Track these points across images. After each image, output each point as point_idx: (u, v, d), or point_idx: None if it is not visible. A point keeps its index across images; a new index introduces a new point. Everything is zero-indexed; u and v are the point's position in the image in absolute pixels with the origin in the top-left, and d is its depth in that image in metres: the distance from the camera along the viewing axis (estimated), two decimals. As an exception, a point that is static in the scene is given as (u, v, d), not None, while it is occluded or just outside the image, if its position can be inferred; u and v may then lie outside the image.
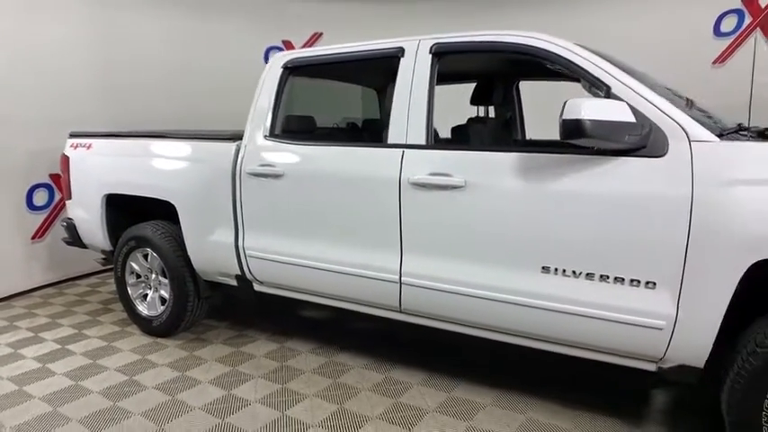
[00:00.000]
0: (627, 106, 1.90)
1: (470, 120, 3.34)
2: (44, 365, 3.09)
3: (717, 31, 4.99)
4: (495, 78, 3.26)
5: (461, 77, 3.40)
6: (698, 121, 1.93)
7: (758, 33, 4.75)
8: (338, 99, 3.99)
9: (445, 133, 3.28)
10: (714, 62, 5.02)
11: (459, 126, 3.17)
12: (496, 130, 3.34)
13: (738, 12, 4.87)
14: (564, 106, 1.85)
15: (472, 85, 3.30)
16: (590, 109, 1.82)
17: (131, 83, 5.02)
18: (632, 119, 1.90)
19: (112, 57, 4.89)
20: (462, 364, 2.94)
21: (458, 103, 3.43)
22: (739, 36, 4.87)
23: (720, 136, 1.91)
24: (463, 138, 3.06)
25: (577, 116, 1.81)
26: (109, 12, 4.86)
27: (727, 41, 4.94)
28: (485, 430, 2.33)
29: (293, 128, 3.00)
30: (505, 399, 2.59)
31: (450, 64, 2.61)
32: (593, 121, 1.82)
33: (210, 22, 5.62)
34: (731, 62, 4.95)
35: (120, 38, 4.95)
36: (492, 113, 3.55)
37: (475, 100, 3.34)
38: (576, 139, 1.84)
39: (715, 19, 4.98)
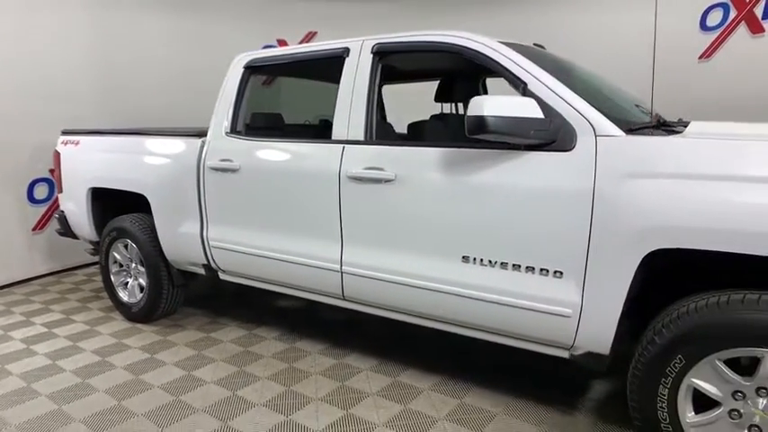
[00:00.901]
0: (535, 103, 1.99)
1: (432, 116, 3.43)
2: (28, 347, 3.32)
3: (703, 26, 4.95)
4: (457, 76, 3.34)
5: (420, 76, 3.49)
6: (608, 116, 2.00)
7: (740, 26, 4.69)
8: (308, 97, 4.12)
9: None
10: (701, 57, 4.98)
11: (415, 123, 3.27)
12: (451, 126, 3.42)
13: (724, 6, 4.83)
14: (469, 103, 1.94)
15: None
16: (492, 106, 1.91)
17: (129, 82, 5.25)
18: (540, 115, 1.98)
19: (111, 57, 5.12)
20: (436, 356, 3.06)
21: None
22: (725, 30, 4.82)
23: (630, 131, 1.98)
24: (417, 134, 3.16)
25: (480, 113, 1.90)
26: (108, 13, 5.09)
27: (713, 36, 4.90)
28: (418, 410, 2.44)
29: (251, 125, 3.16)
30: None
31: (397, 63, 2.71)
32: (496, 118, 1.91)
33: (207, 22, 5.82)
34: (717, 56, 4.90)
35: (118, 39, 5.18)
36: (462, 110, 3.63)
37: (438, 97, 3.43)
38: (480, 135, 1.93)
39: (701, 13, 4.94)
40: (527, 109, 1.97)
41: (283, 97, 4.34)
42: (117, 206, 3.76)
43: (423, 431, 2.32)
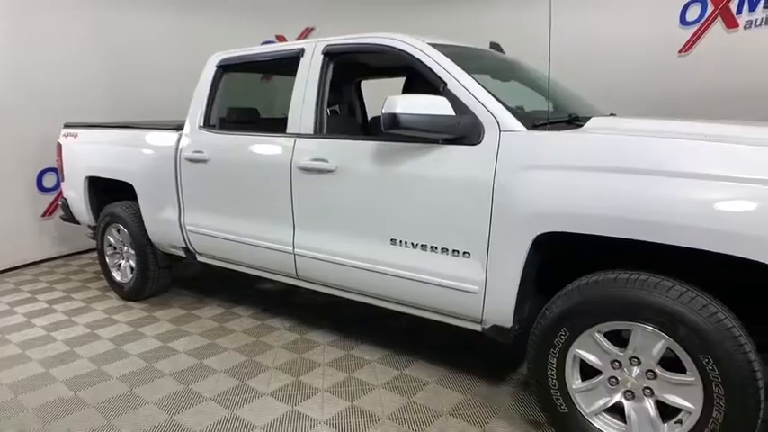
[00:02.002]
0: (446, 101, 2.21)
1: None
2: (29, 320, 3.69)
3: (683, 20, 5.02)
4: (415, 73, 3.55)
5: (378, 73, 3.72)
6: (514, 113, 2.21)
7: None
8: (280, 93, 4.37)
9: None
10: (680, 51, 5.06)
11: (375, 117, 3.51)
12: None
13: (702, 0, 4.89)
14: (384, 101, 2.17)
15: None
16: (405, 105, 2.14)
17: (133, 78, 5.58)
18: (450, 112, 2.20)
19: (115, 54, 5.47)
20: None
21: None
22: (702, 25, 4.89)
23: (535, 127, 2.19)
24: (376, 127, 3.40)
25: (393, 111, 2.13)
26: (111, 13, 5.43)
27: (692, 30, 4.97)
28: (364, 380, 2.71)
29: (227, 119, 3.43)
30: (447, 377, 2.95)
31: (345, 63, 2.94)
32: (408, 115, 2.13)
33: (207, 20, 6.11)
34: (696, 51, 4.98)
35: (121, 37, 5.52)
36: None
37: (404, 93, 3.65)
38: (394, 131, 2.16)
39: (681, 8, 5.01)
40: (439, 107, 2.19)
41: (267, 92, 4.60)
42: (111, 194, 4.09)
43: (361, 395, 2.58)
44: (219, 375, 2.83)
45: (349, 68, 3.44)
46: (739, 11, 4.61)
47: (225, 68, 3.37)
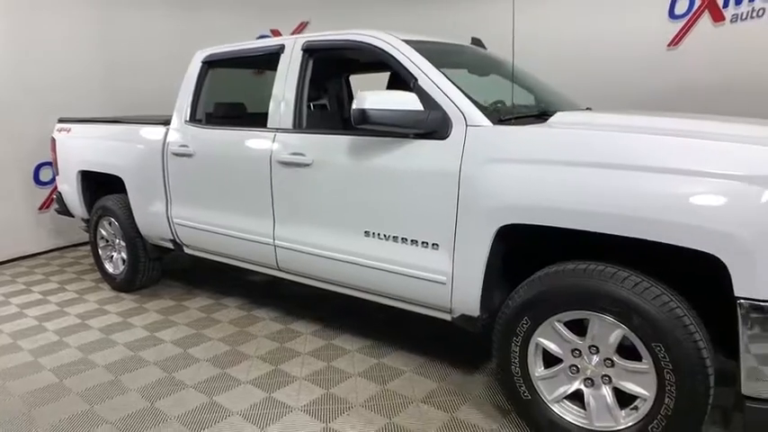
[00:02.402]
0: (415, 97, 2.26)
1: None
2: (22, 311, 3.79)
3: (671, 14, 5.03)
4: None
5: (362, 69, 3.77)
6: (481, 108, 2.26)
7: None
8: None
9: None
10: (669, 44, 5.07)
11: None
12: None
13: (690, -7, 4.90)
14: (355, 97, 2.23)
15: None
16: (374, 100, 2.19)
17: (128, 74, 5.65)
18: (419, 107, 2.25)
19: (111, 50, 5.53)
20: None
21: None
22: (691, 18, 4.90)
23: (501, 121, 2.24)
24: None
25: (362, 106, 2.18)
26: (107, 11, 5.50)
27: (680, 24, 4.98)
28: (342, 369, 2.78)
29: (213, 114, 3.49)
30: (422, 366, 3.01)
31: (324, 59, 2.99)
32: (377, 111, 2.19)
33: (202, 14, 6.16)
34: (684, 44, 4.99)
35: (117, 33, 5.58)
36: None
37: (389, 87, 3.69)
38: (363, 126, 2.21)
39: (670, 1, 5.02)
40: (407, 103, 2.24)
41: (256, 87, 4.65)
42: (103, 187, 4.17)
43: (337, 383, 2.66)
44: (202, 364, 2.91)
45: (333, 64, 3.49)
46: (726, 5, 4.62)
47: (210, 64, 3.43)
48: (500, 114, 2.28)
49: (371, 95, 2.20)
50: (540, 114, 2.45)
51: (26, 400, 2.58)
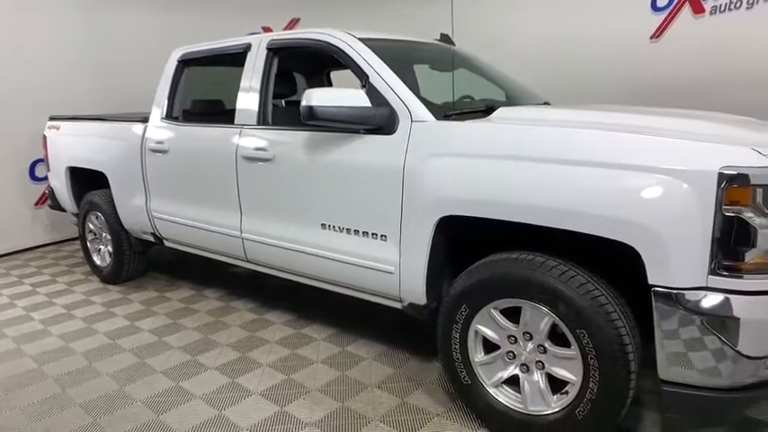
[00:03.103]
0: (363, 94, 2.34)
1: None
2: (12, 301, 3.95)
3: (654, 6, 5.04)
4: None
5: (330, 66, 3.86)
6: (427, 104, 2.34)
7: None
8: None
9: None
10: (652, 37, 5.08)
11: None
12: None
13: (672, -15, 4.90)
14: (304, 94, 2.32)
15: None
16: (321, 97, 2.28)
17: (119, 72, 5.77)
18: (367, 104, 2.33)
19: (104, 51, 5.66)
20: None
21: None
22: (672, 11, 4.90)
23: (446, 117, 2.31)
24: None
25: (309, 103, 2.27)
26: (97, 9, 5.63)
27: (662, 16, 4.99)
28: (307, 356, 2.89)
29: (191, 110, 3.61)
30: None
31: (289, 57, 3.08)
32: (324, 107, 2.28)
33: (193, 12, 6.26)
34: (666, 36, 4.99)
35: (108, 34, 5.72)
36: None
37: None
38: (311, 122, 2.30)
39: (652, -7, 5.02)
40: (355, 99, 2.32)
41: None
42: (90, 183, 4.31)
43: (298, 369, 2.77)
44: (174, 351, 3.03)
45: (298, 62, 3.57)
46: (706, -4, 4.62)
47: (186, 63, 3.54)
48: (445, 110, 2.35)
49: (318, 92, 2.29)
50: (486, 110, 2.51)
51: (4, 384, 2.72)
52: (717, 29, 4.53)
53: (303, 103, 2.29)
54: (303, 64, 4.18)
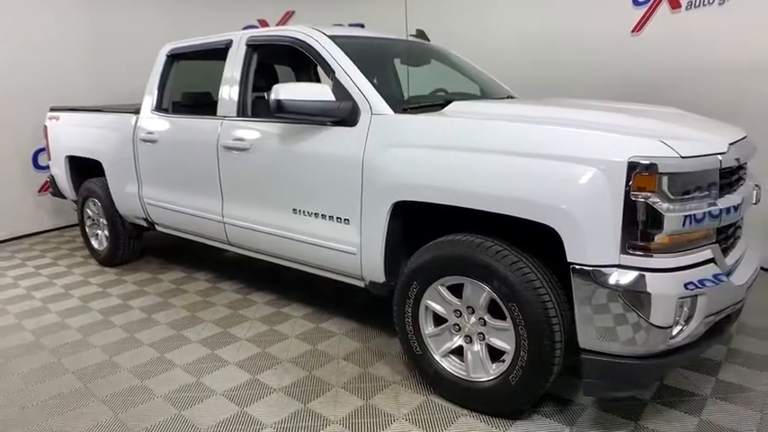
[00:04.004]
0: (327, 88, 2.54)
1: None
2: (15, 282, 4.21)
3: (635, 0, 5.16)
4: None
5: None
6: (387, 98, 2.53)
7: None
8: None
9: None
10: (633, 31, 5.21)
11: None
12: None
13: (651, -20, 5.02)
14: (272, 88, 2.52)
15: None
16: (288, 91, 2.48)
17: (121, 67, 5.98)
18: (331, 98, 2.54)
19: (105, 42, 5.89)
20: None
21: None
22: (651, 5, 5.03)
23: (404, 110, 2.51)
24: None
25: (278, 97, 2.48)
26: (101, 6, 5.85)
27: (643, 10, 5.12)
28: (284, 333, 3.13)
29: (181, 102, 3.82)
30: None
31: (267, 53, 3.28)
32: (291, 101, 2.48)
33: (190, 4, 6.45)
34: (647, 30, 5.13)
35: (109, 28, 5.94)
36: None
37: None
38: (280, 114, 2.51)
39: (634, -13, 5.15)
40: (320, 93, 2.52)
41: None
42: (88, 171, 4.55)
43: (273, 343, 3.00)
44: (161, 327, 3.28)
45: (277, 57, 3.76)
46: (683, -8, 4.74)
47: (174, 57, 3.75)
48: (404, 104, 2.54)
49: (286, 87, 2.49)
50: (445, 103, 2.70)
51: (5, 354, 2.98)
52: (692, 24, 4.66)
53: (272, 96, 2.50)
54: (290, 59, 4.38)
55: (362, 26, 6.64)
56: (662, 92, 4.89)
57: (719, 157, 1.93)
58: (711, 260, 1.96)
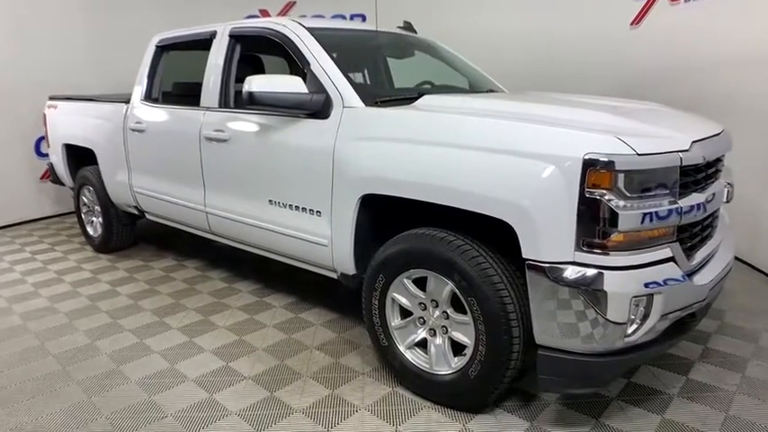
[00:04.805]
0: (300, 80, 2.56)
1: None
2: (11, 266, 4.32)
3: (635, -7, 5.08)
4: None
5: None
6: (360, 91, 2.54)
7: None
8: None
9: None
10: (632, 24, 5.14)
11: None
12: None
13: (650, -28, 4.93)
14: (245, 80, 2.54)
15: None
16: (260, 83, 2.50)
17: (121, 57, 6.03)
18: (303, 90, 2.55)
19: (106, 34, 5.96)
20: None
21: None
22: (651, -2, 4.95)
23: (376, 104, 2.52)
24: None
25: (250, 89, 2.49)
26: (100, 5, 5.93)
27: (642, 3, 5.03)
28: (255, 320, 3.18)
29: (172, 92, 3.87)
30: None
31: (249, 45, 3.29)
32: (263, 93, 2.50)
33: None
34: (646, 23, 5.05)
35: (110, 16, 6.00)
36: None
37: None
38: (251, 106, 2.53)
39: (633, -21, 5.06)
40: (292, 86, 2.54)
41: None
42: (84, 158, 4.62)
43: (251, 332, 3.05)
44: (145, 313, 3.34)
45: (260, 49, 3.76)
46: (682, -16, 4.65)
47: (163, 48, 3.79)
48: (376, 97, 2.55)
49: (258, 79, 2.51)
50: (418, 97, 2.70)
51: (-9, 337, 3.07)
52: (690, 16, 4.57)
53: (244, 88, 2.52)
54: (280, 50, 4.37)
55: (364, 17, 6.63)
56: (661, 84, 4.83)
57: (680, 154, 1.91)
58: (671, 259, 1.95)
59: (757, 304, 3.32)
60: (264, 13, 6.98)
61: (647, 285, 1.87)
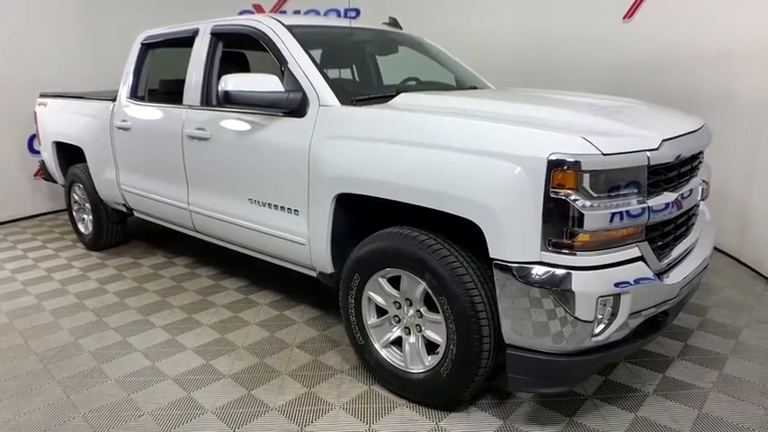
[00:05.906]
0: (276, 79, 2.55)
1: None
2: (2, 264, 4.35)
3: (628, -14, 5.03)
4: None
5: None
6: (336, 90, 2.54)
7: None
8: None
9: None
10: (624, 17, 5.09)
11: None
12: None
13: (641, -34, 4.88)
14: (221, 78, 2.54)
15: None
16: (236, 82, 2.50)
17: (116, 54, 6.00)
18: (280, 89, 2.55)
19: (101, 31, 5.96)
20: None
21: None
22: (643, -9, 4.90)
23: (353, 102, 2.51)
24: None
25: (226, 88, 2.50)
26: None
27: (635, -4, 4.99)
28: (240, 317, 3.19)
29: (159, 90, 3.87)
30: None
31: (232, 42, 3.29)
32: (238, 92, 2.50)
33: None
34: (638, 16, 5.00)
35: (105, 16, 6.00)
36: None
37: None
38: (228, 105, 2.53)
39: (625, -28, 5.01)
40: (268, 84, 2.54)
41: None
42: (74, 156, 4.64)
43: (234, 329, 3.06)
44: (131, 312, 3.37)
45: (243, 46, 3.76)
46: (672, -23, 4.60)
47: (149, 46, 3.79)
48: (353, 95, 2.54)
49: (234, 78, 2.51)
50: (395, 94, 2.69)
51: (-23, 335, 3.10)
52: (682, 9, 4.53)
53: (220, 87, 2.52)
54: (235, 49, 4.36)
55: (358, 12, 6.60)
56: (653, 78, 4.79)
57: (647, 153, 1.89)
58: (640, 258, 1.94)
59: (742, 300, 3.31)
60: (259, 8, 6.96)
61: (617, 285, 1.87)
